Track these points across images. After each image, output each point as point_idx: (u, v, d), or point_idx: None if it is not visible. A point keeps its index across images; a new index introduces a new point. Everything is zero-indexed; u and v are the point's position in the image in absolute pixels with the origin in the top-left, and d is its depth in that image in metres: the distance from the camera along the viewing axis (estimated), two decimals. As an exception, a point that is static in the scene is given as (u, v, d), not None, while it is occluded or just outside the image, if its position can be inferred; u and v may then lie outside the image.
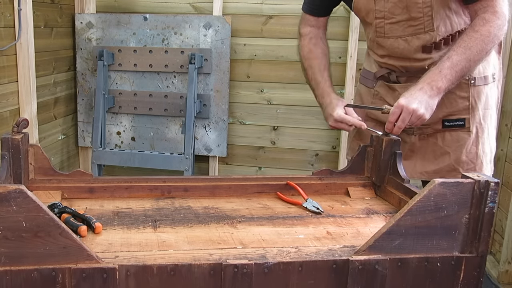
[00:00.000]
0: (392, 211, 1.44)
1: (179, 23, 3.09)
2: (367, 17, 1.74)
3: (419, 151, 1.80)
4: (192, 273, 1.05)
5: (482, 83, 1.75)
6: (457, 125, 1.75)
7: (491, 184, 1.10)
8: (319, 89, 1.82)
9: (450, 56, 1.57)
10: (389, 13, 1.67)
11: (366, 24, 1.79)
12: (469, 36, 1.57)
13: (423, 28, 1.66)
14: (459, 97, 1.73)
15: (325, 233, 1.27)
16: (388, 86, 1.80)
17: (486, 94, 1.76)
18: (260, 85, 3.20)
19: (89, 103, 3.26)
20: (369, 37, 1.81)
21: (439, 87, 1.55)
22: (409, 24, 1.67)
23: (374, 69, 1.86)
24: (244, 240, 1.21)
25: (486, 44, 1.57)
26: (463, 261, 1.14)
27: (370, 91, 1.87)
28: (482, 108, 1.76)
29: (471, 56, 1.56)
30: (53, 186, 1.44)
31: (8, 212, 0.98)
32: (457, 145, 1.76)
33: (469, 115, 1.74)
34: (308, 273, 1.09)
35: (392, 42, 1.71)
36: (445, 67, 1.56)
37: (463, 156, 1.75)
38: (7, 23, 2.44)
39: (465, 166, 1.76)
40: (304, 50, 1.89)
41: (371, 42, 1.80)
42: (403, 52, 1.71)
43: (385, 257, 1.10)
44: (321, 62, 1.85)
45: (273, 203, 1.48)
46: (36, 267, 1.01)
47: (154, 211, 1.38)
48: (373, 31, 1.74)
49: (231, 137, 3.27)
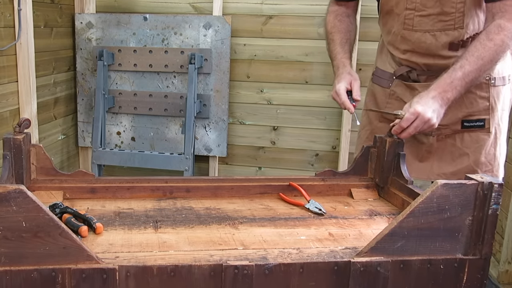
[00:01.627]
0: (395, 212, 1.43)
1: (179, 23, 3.08)
2: (396, 7, 1.70)
3: (437, 152, 1.77)
4: (192, 274, 1.05)
5: (501, 84, 1.73)
6: (477, 126, 1.72)
7: (494, 185, 1.09)
8: (336, 60, 1.79)
9: (463, 65, 1.53)
10: (421, 5, 1.64)
11: (392, 16, 1.74)
12: (483, 45, 1.53)
13: (453, 24, 1.63)
14: (479, 97, 1.70)
15: (327, 234, 1.27)
16: (406, 85, 1.77)
17: (504, 95, 1.75)
18: (260, 85, 3.20)
19: (89, 103, 3.25)
20: (392, 31, 1.76)
21: (449, 98, 1.53)
22: (439, 19, 1.64)
23: (390, 68, 1.83)
24: (245, 241, 1.21)
25: (498, 54, 1.53)
26: (466, 263, 1.14)
27: (386, 91, 1.84)
28: (500, 109, 1.74)
29: (483, 67, 1.53)
30: (55, 186, 1.44)
31: (8, 212, 0.97)
32: (476, 146, 1.73)
33: (489, 116, 1.71)
34: (309, 274, 1.08)
35: (420, 36, 1.68)
36: (457, 78, 1.52)
37: (482, 157, 1.73)
38: (7, 23, 2.44)
39: (484, 168, 1.73)
40: (329, 25, 1.86)
41: (395, 36, 1.75)
42: (430, 47, 1.68)
43: (387, 259, 1.10)
44: (344, 36, 1.82)
45: (275, 204, 1.48)
46: (36, 267, 1.01)
47: (156, 212, 1.37)
48: (400, 23, 1.70)
49: (231, 137, 3.26)
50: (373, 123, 1.88)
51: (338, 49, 1.80)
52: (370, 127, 1.89)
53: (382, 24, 1.84)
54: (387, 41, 1.82)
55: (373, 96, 1.90)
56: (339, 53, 1.79)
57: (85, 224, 1.22)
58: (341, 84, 1.67)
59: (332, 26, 1.85)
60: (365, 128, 1.91)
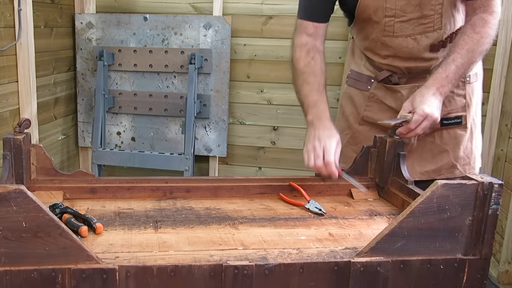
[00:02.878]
0: (395, 212, 1.43)
1: (179, 23, 3.08)
2: (374, 15, 1.68)
3: (417, 151, 1.80)
4: (192, 274, 1.05)
5: (475, 80, 1.78)
6: (455, 123, 1.76)
7: (494, 185, 1.09)
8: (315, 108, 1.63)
9: (455, 59, 1.56)
10: (401, 11, 1.64)
11: (369, 23, 1.72)
12: (470, 37, 1.58)
13: (433, 26, 1.65)
14: (457, 95, 1.74)
15: (327, 234, 1.27)
16: (387, 88, 1.77)
17: (477, 91, 1.80)
18: (260, 85, 3.20)
19: (89, 103, 3.25)
20: (370, 38, 1.74)
21: (446, 92, 1.56)
22: (419, 22, 1.65)
23: (366, 71, 1.81)
24: (245, 241, 1.20)
25: (485, 45, 1.59)
26: (466, 263, 1.13)
27: (364, 93, 1.82)
28: (475, 104, 1.79)
29: (473, 59, 1.58)
30: (55, 186, 1.44)
31: (8, 212, 0.97)
32: (455, 142, 1.77)
33: (466, 112, 1.76)
34: (309, 274, 1.08)
35: (401, 41, 1.68)
36: (452, 71, 1.55)
37: (461, 152, 1.77)
38: (7, 23, 2.44)
39: (462, 162, 1.78)
40: (301, 63, 1.69)
41: (373, 43, 1.74)
42: (412, 51, 1.68)
43: (387, 259, 1.10)
44: (320, 81, 1.67)
45: (275, 204, 1.48)
46: (36, 268, 1.01)
47: (156, 212, 1.37)
48: (380, 30, 1.69)
49: (231, 137, 3.26)
50: (353, 127, 1.85)
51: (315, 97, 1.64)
52: (351, 131, 1.86)
53: (356, 30, 1.79)
54: (363, 46, 1.79)
55: (351, 99, 1.86)
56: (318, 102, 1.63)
57: (85, 224, 1.22)
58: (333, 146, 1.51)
59: (305, 65, 1.68)
60: (344, 132, 1.86)
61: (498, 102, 2.88)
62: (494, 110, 2.90)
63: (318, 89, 1.65)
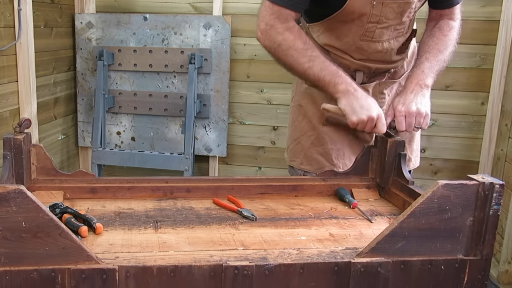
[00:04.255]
0: (396, 213, 1.43)
1: (179, 23, 3.08)
2: (358, 20, 1.63)
3: None
4: (192, 275, 1.04)
5: None
6: None
7: (495, 186, 1.09)
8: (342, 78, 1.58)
9: (428, 58, 1.66)
10: (384, 18, 1.64)
11: (347, 26, 1.66)
12: (439, 39, 1.71)
13: (403, 31, 1.72)
14: None
15: (327, 235, 1.26)
16: None
17: None
18: (260, 85, 3.20)
19: (89, 103, 3.25)
20: (343, 40, 1.70)
21: (427, 84, 1.64)
22: (395, 28, 1.69)
23: None
24: (245, 242, 1.20)
25: (452, 47, 1.72)
26: (467, 264, 1.13)
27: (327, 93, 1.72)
28: None
29: (444, 58, 1.69)
30: (55, 186, 1.44)
31: (8, 212, 0.97)
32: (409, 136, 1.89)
33: None
34: (309, 275, 1.08)
35: (377, 46, 1.70)
36: (426, 67, 1.65)
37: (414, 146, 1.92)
38: (7, 23, 2.43)
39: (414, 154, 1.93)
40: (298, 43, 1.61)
41: (347, 45, 1.70)
42: (384, 55, 1.73)
43: (388, 259, 1.09)
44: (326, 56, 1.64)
45: (276, 204, 1.47)
46: (36, 268, 1.00)
47: (156, 212, 1.37)
48: (358, 35, 1.66)
49: (231, 137, 3.26)
50: (317, 128, 1.79)
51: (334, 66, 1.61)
52: (315, 132, 1.80)
53: (324, 29, 1.73)
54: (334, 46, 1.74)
55: (312, 100, 1.80)
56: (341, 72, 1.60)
57: (85, 224, 1.21)
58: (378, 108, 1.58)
59: (305, 43, 1.62)
60: (307, 134, 1.82)
61: (498, 102, 2.88)
62: (494, 109, 2.90)
63: (331, 61, 1.62)
